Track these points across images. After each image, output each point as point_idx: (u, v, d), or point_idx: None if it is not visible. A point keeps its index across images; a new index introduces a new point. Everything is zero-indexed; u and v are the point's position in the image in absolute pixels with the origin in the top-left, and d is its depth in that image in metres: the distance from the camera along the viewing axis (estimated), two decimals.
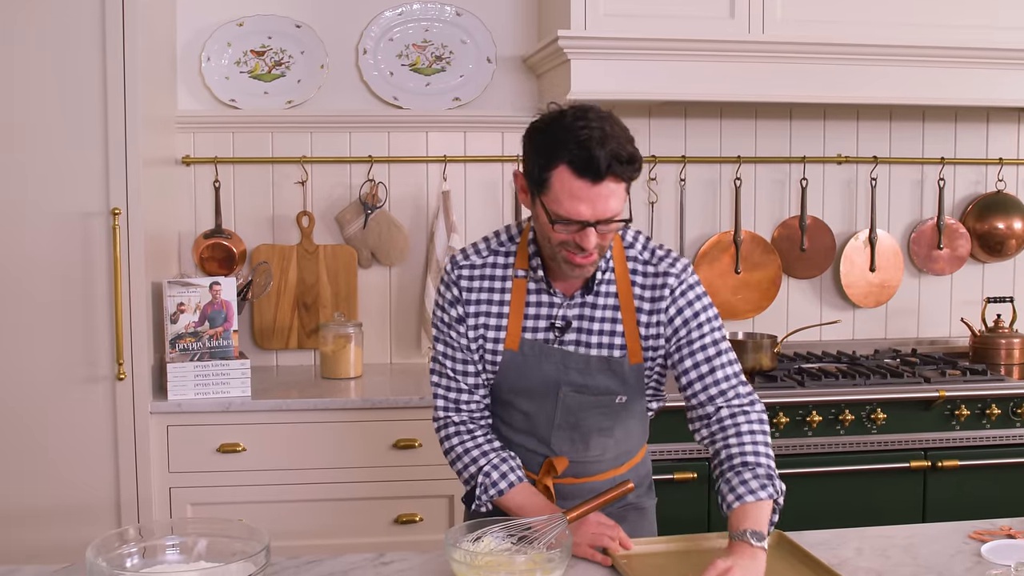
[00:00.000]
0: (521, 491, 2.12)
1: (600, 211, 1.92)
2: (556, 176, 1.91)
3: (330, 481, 3.23)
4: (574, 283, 2.12)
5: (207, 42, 3.70)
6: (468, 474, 2.17)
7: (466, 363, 2.17)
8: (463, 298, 2.14)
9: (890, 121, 4.07)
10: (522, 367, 2.13)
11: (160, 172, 3.44)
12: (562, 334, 2.12)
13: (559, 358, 2.11)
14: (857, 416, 3.37)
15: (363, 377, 3.59)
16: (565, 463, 2.18)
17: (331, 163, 3.79)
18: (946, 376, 3.53)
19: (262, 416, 3.21)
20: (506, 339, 2.12)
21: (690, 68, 3.41)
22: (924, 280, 4.17)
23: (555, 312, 2.12)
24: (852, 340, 4.10)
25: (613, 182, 1.90)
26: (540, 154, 1.94)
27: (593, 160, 1.87)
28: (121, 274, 3.10)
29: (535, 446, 2.20)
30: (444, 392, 2.20)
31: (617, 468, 2.25)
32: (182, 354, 3.24)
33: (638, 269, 2.13)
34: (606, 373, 2.12)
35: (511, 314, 2.12)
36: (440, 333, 2.19)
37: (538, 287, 2.13)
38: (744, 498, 1.93)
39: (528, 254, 2.13)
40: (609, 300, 2.12)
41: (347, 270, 3.78)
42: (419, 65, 3.82)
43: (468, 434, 2.18)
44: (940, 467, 3.39)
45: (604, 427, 2.18)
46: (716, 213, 4.01)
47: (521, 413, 2.18)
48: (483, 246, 2.18)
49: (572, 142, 1.89)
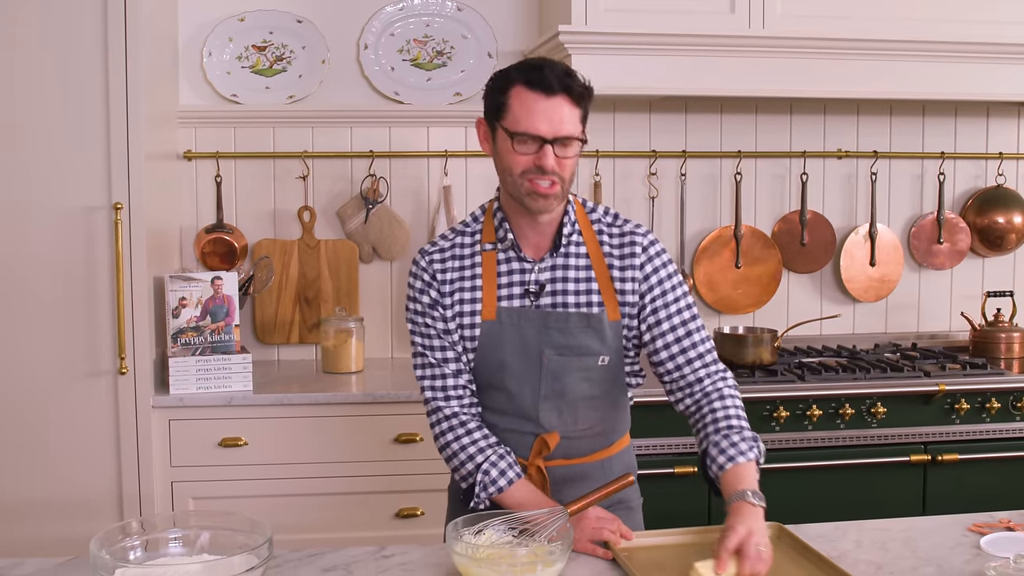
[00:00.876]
0: (520, 487, 2.13)
1: (556, 127, 2.02)
2: (512, 96, 2.04)
3: (331, 475, 3.24)
4: (542, 244, 2.16)
5: (208, 37, 3.70)
6: (465, 471, 2.16)
7: (445, 348, 2.18)
8: (437, 279, 2.17)
9: (890, 116, 4.08)
10: (501, 336, 2.14)
11: (162, 167, 3.45)
12: (537, 298, 2.15)
13: (538, 320, 2.14)
14: (857, 410, 3.38)
15: (364, 372, 3.60)
16: (557, 438, 2.18)
17: (332, 158, 3.79)
18: (946, 370, 3.54)
19: (264, 411, 3.22)
20: (483, 311, 2.15)
21: (690, 63, 3.41)
22: (924, 274, 4.17)
23: (528, 278, 2.16)
24: (852, 334, 4.11)
25: (566, 101, 2.03)
26: (496, 84, 2.09)
27: (545, 75, 2.01)
28: (123, 269, 3.11)
29: (522, 425, 2.19)
30: (430, 382, 2.21)
31: (606, 449, 2.25)
32: (184, 348, 3.25)
33: (604, 230, 2.20)
34: (586, 331, 2.14)
35: (484, 286, 2.16)
36: (416, 327, 2.22)
37: (507, 256, 2.17)
38: (736, 459, 1.99)
39: (494, 225, 2.18)
40: (580, 260, 2.16)
41: (348, 265, 3.79)
42: (420, 60, 3.82)
43: (462, 427, 2.18)
44: (940, 461, 3.39)
45: (590, 395, 2.19)
46: (716, 208, 4.01)
47: (505, 392, 2.18)
48: (447, 232, 2.25)
49: (525, 65, 2.06)
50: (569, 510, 1.99)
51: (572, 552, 1.98)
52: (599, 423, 2.23)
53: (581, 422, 2.20)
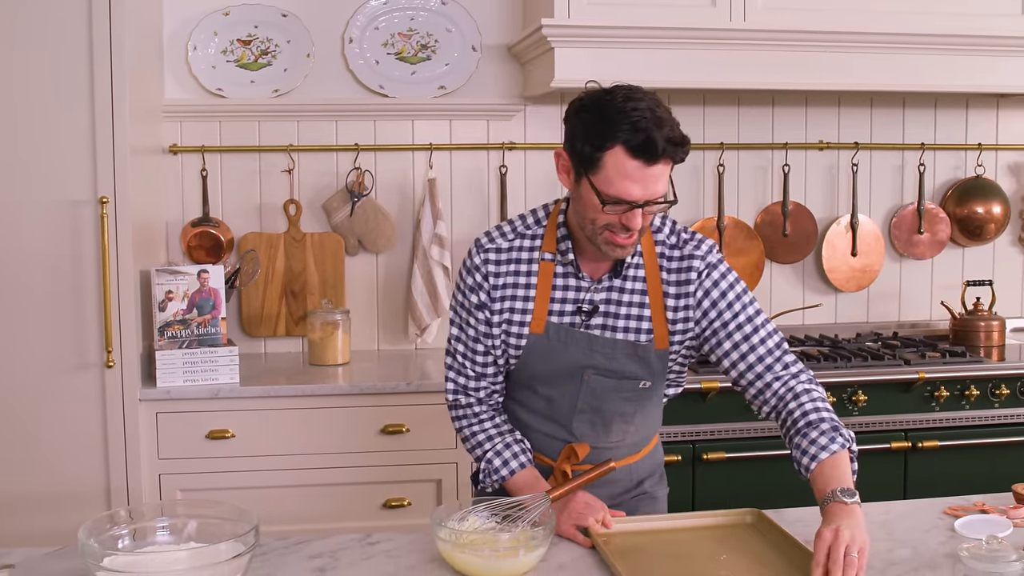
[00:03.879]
0: (523, 477, 2.16)
1: (650, 192, 1.94)
2: (610, 156, 1.92)
3: (318, 467, 3.26)
4: (602, 266, 2.13)
5: (193, 31, 3.71)
6: (475, 456, 2.24)
7: (475, 352, 2.19)
8: (489, 282, 2.14)
9: (871, 107, 4.11)
10: (547, 351, 2.13)
11: (147, 161, 3.46)
12: (589, 318, 2.12)
13: (585, 342, 2.12)
14: (839, 398, 3.41)
15: (351, 364, 3.61)
16: (587, 449, 2.18)
17: (318, 151, 3.81)
18: (926, 358, 3.57)
19: (251, 403, 3.23)
20: (532, 323, 2.13)
21: (673, 56, 3.43)
22: (905, 264, 4.21)
23: (582, 296, 2.13)
24: (834, 324, 4.14)
25: (664, 163, 1.94)
26: (593, 134, 1.93)
27: (651, 142, 1.89)
28: (109, 262, 3.12)
29: (554, 430, 2.21)
30: (454, 376, 2.23)
31: (633, 455, 2.27)
32: (170, 341, 3.26)
33: (665, 253, 2.15)
34: (632, 358, 2.13)
35: (537, 298, 2.13)
36: (456, 316, 2.21)
37: (565, 271, 2.13)
38: (818, 456, 1.95)
39: (557, 237, 2.13)
40: (637, 284, 2.13)
41: (334, 258, 3.80)
42: (405, 54, 3.84)
43: (475, 417, 2.23)
44: (920, 448, 3.43)
45: (626, 412, 2.19)
46: (700, 199, 4.04)
47: (542, 398, 2.20)
48: (508, 229, 2.18)
49: (627, 123, 1.90)
50: (552, 496, 2.02)
51: (556, 537, 2.01)
52: (630, 435, 2.25)
53: (614, 435, 2.22)
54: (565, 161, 2.03)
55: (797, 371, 2.11)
